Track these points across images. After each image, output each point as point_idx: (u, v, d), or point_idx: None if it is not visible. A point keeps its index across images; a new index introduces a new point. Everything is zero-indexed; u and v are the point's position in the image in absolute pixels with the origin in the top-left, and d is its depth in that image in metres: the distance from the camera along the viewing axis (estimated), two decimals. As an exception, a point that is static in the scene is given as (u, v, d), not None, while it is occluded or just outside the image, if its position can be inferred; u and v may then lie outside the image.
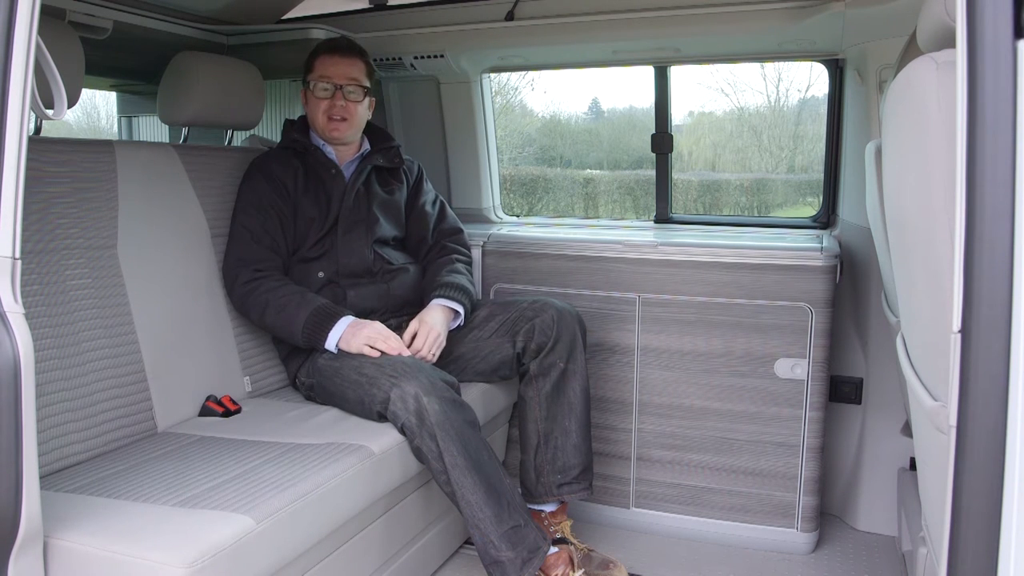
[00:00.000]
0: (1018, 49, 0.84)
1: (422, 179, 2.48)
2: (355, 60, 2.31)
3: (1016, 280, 0.84)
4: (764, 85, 5.14)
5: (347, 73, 2.28)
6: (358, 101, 2.29)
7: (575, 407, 2.19)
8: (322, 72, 2.28)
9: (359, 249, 2.27)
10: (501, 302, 2.36)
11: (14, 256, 1.18)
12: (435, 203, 2.50)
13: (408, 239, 2.45)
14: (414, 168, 2.48)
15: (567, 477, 2.18)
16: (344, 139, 2.31)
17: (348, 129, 2.29)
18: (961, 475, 0.88)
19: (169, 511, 1.45)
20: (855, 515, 2.48)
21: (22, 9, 1.15)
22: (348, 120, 2.28)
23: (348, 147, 2.35)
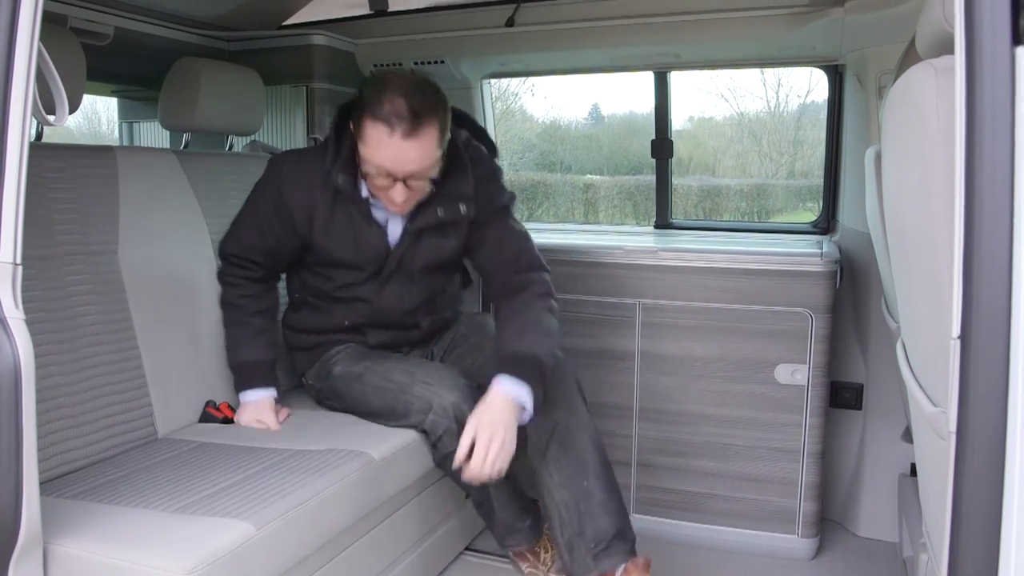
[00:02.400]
0: (1016, 55, 0.84)
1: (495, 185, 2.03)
2: (424, 140, 1.77)
3: (1015, 286, 0.84)
4: (764, 90, 5.15)
5: (414, 164, 1.79)
6: (422, 188, 1.88)
7: (588, 462, 1.88)
8: (377, 160, 1.79)
9: (399, 302, 2.05)
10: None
11: (15, 262, 1.18)
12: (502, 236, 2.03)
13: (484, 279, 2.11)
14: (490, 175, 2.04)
15: (601, 545, 1.84)
16: (404, 210, 1.93)
17: (408, 206, 1.91)
18: (961, 481, 0.88)
19: (169, 517, 1.45)
20: (856, 521, 2.47)
21: (24, 15, 1.15)
22: (411, 202, 1.90)
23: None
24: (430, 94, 1.78)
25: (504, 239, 2.02)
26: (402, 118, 1.73)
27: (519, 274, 1.98)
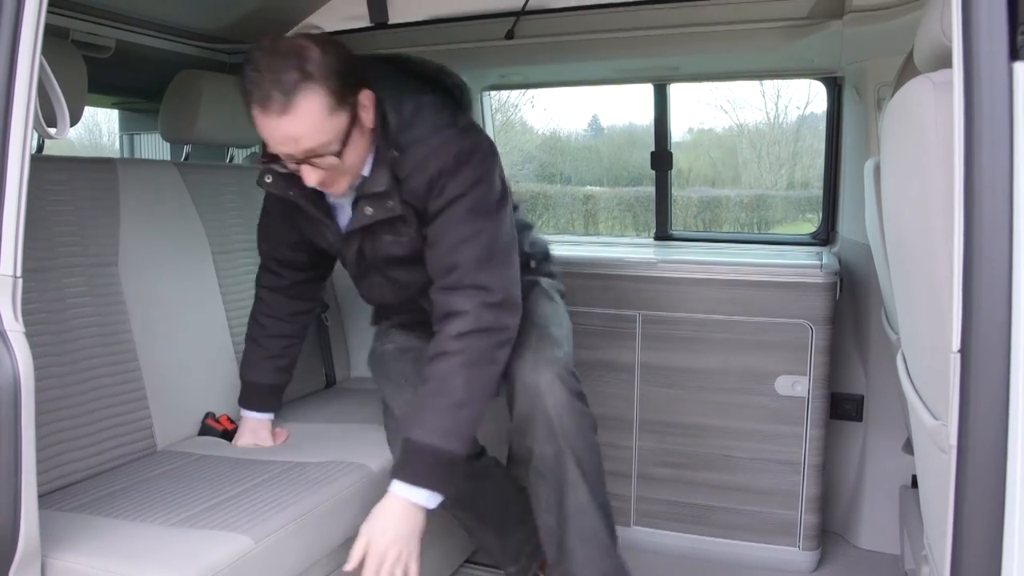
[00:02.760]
0: (1014, 70, 0.84)
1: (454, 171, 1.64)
2: (302, 114, 1.49)
3: (1015, 300, 0.84)
4: (763, 102, 5.17)
5: (302, 142, 1.52)
6: (332, 165, 1.58)
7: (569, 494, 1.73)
8: (270, 145, 1.57)
9: (385, 294, 1.90)
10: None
11: (15, 275, 1.18)
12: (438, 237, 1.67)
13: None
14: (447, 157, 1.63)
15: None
16: (339, 195, 1.72)
17: (339, 189, 1.67)
18: (962, 495, 0.88)
19: (167, 531, 1.45)
20: (857, 533, 2.46)
21: (26, 29, 1.16)
22: (333, 184, 1.64)
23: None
24: (303, 60, 1.48)
25: (439, 241, 1.66)
26: (268, 97, 1.47)
27: (445, 294, 1.65)
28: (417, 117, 1.66)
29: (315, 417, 2.16)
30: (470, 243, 1.63)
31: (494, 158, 1.71)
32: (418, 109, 1.67)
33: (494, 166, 1.70)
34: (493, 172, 1.69)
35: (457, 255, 1.64)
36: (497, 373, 1.65)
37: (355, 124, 1.58)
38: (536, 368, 1.70)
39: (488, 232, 1.65)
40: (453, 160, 1.63)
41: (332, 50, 1.53)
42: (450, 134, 1.65)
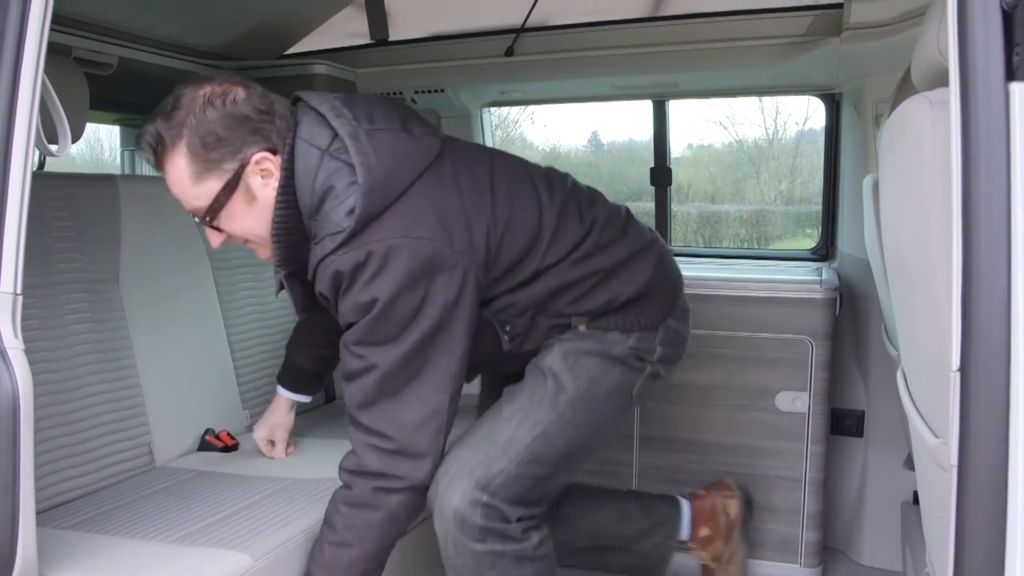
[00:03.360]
0: (1010, 91, 0.85)
1: (338, 296, 1.43)
2: (171, 170, 1.45)
3: (1013, 319, 0.84)
4: (762, 118, 5.18)
5: (181, 199, 1.50)
6: (216, 230, 1.50)
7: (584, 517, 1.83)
8: None
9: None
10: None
11: (15, 292, 1.18)
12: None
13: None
14: (326, 281, 1.42)
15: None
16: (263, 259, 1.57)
17: (261, 255, 1.55)
18: (963, 513, 0.87)
19: (166, 548, 1.44)
20: (859, 550, 2.45)
21: (29, 47, 1.16)
22: (239, 240, 1.53)
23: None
24: (180, 113, 1.40)
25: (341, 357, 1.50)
26: (145, 150, 1.45)
27: (348, 421, 1.48)
28: (322, 204, 1.42)
29: (315, 433, 2.15)
30: (358, 379, 1.43)
31: (397, 260, 1.36)
32: (326, 196, 1.42)
33: (397, 273, 1.36)
34: (393, 283, 1.36)
35: (347, 387, 1.46)
36: (385, 520, 1.45)
37: (235, 193, 1.44)
38: (448, 479, 1.46)
39: (379, 369, 1.40)
40: (331, 283, 1.41)
41: (223, 103, 1.40)
42: (333, 248, 1.38)
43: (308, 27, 2.82)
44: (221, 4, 2.47)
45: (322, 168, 1.41)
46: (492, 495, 1.45)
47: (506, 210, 1.49)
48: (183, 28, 2.51)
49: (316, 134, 1.44)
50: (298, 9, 2.70)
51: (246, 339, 2.26)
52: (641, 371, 1.64)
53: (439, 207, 1.42)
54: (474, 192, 1.48)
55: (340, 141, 1.42)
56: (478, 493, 1.44)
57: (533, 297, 1.54)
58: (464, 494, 1.44)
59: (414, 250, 1.37)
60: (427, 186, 1.43)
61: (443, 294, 1.40)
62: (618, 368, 1.59)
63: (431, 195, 1.42)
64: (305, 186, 1.42)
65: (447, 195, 1.44)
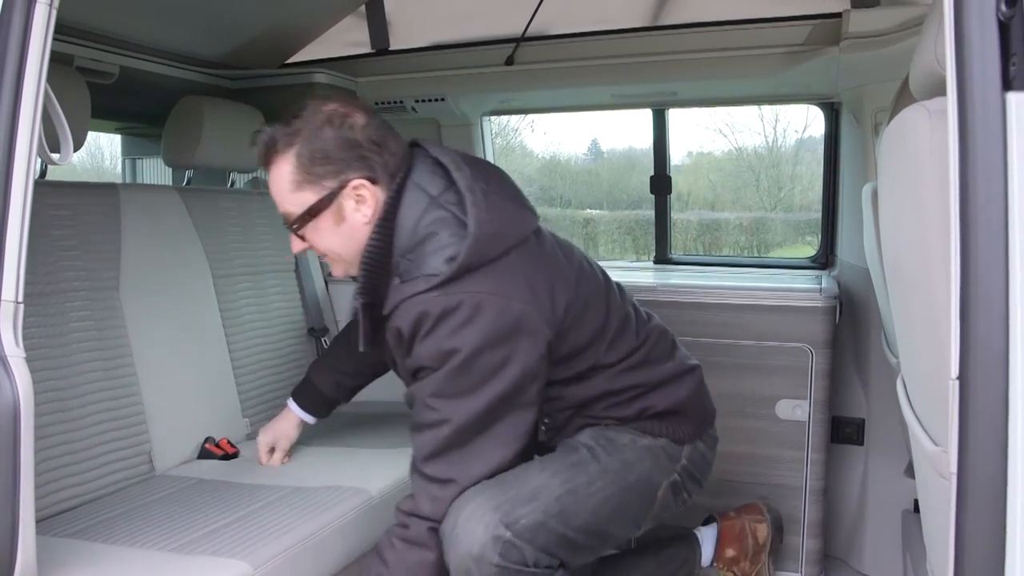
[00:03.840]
0: (1007, 100, 0.85)
1: (416, 337, 1.43)
2: (272, 172, 1.53)
3: (1012, 327, 0.85)
4: (762, 126, 5.20)
5: (274, 195, 1.56)
6: (300, 238, 1.57)
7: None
8: None
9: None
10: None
11: (17, 300, 1.19)
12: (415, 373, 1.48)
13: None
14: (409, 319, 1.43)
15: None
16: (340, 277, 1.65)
17: (336, 271, 1.61)
18: (963, 522, 0.87)
19: (166, 557, 1.44)
20: (860, 558, 2.44)
21: (32, 57, 1.17)
22: (318, 252, 1.59)
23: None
24: (298, 123, 1.49)
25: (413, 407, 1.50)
26: (258, 146, 1.53)
27: (411, 467, 1.51)
28: (421, 246, 1.45)
29: (314, 441, 2.15)
30: (429, 431, 1.43)
31: (486, 315, 1.39)
32: (427, 240, 1.45)
33: (485, 328, 1.38)
34: (478, 337, 1.38)
35: (415, 437, 1.47)
36: (437, 561, 1.44)
37: (326, 210, 1.50)
38: (471, 509, 1.41)
39: (452, 423, 1.41)
40: (414, 323, 1.41)
41: (342, 124, 1.47)
42: (426, 288, 1.40)
43: (309, 36, 2.83)
44: (222, 13, 2.48)
45: (428, 213, 1.46)
46: (515, 535, 1.40)
47: (584, 297, 1.54)
48: (184, 37, 2.52)
49: (429, 180, 1.50)
50: (299, 18, 2.71)
51: (246, 348, 2.26)
52: (668, 472, 1.63)
53: (531, 275, 1.46)
54: (561, 271, 1.53)
55: (452, 193, 1.48)
56: (501, 529, 1.39)
57: (578, 397, 1.57)
58: (487, 527, 1.39)
59: (504, 308, 1.40)
60: (523, 254, 1.48)
61: (525, 356, 1.42)
62: (648, 460, 1.60)
63: (525, 263, 1.47)
64: (407, 225, 1.47)
65: (539, 267, 1.49)
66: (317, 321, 2.55)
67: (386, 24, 2.81)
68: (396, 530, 1.48)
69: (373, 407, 2.52)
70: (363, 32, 2.84)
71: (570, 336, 1.51)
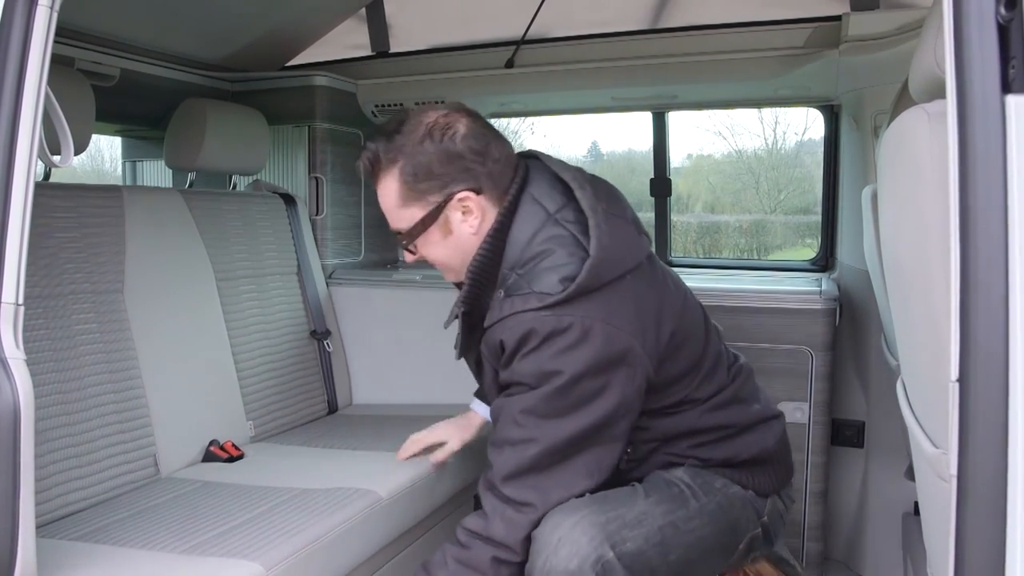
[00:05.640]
0: (1006, 103, 0.85)
1: (519, 353, 1.41)
2: (381, 186, 1.53)
3: (1011, 329, 0.85)
4: (762, 128, 5.20)
5: (384, 210, 1.56)
6: (412, 252, 1.56)
7: None
8: None
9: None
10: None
11: (17, 302, 1.19)
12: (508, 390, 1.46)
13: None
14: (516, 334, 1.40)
15: None
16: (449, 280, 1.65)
17: (447, 277, 1.63)
18: (963, 524, 0.87)
19: (177, 559, 1.44)
20: (861, 561, 2.44)
21: (33, 59, 1.17)
22: (430, 262, 1.58)
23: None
24: (402, 137, 1.48)
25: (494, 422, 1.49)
26: (361, 158, 1.54)
27: (482, 484, 1.46)
28: (536, 266, 1.42)
29: (318, 443, 2.16)
30: (512, 448, 1.40)
31: (594, 341, 1.36)
32: (543, 256, 1.42)
33: (591, 354, 1.36)
34: (583, 362, 1.36)
35: (495, 453, 1.43)
36: None
37: (433, 224, 1.50)
38: (575, 520, 1.35)
39: (539, 443, 1.38)
40: (519, 339, 1.39)
41: (443, 137, 1.46)
42: (538, 306, 1.38)
43: (309, 39, 2.83)
44: (223, 16, 2.49)
45: (544, 229, 1.44)
46: (618, 556, 1.34)
47: (686, 328, 1.52)
48: (185, 40, 2.52)
49: (547, 195, 1.48)
50: (299, 21, 2.71)
51: (249, 350, 2.27)
52: (753, 525, 1.58)
53: (640, 304, 1.44)
54: (670, 299, 1.51)
55: (570, 211, 1.45)
56: (606, 547, 1.33)
57: (664, 430, 1.54)
58: (591, 542, 1.33)
59: (612, 337, 1.38)
60: (636, 281, 1.46)
61: (622, 388, 1.39)
62: (738, 508, 1.55)
63: (638, 289, 1.45)
64: (521, 239, 1.45)
65: (650, 295, 1.47)
66: (319, 324, 2.55)
67: (386, 27, 2.82)
68: (454, 549, 1.42)
69: (381, 409, 2.52)
70: (363, 35, 2.84)
71: (667, 365, 1.48)
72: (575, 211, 1.46)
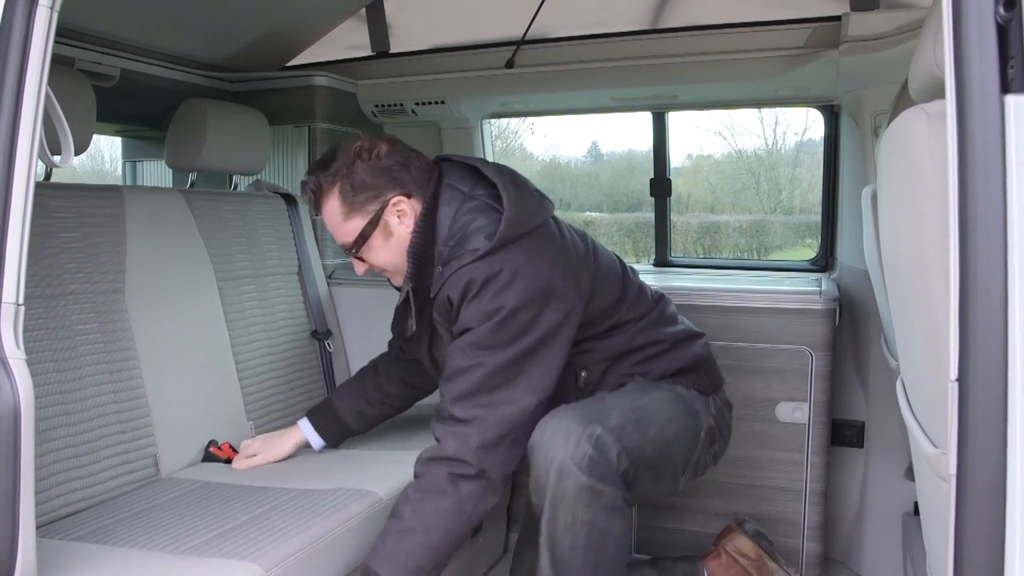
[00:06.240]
0: (1005, 103, 0.86)
1: (464, 302, 1.61)
2: (326, 212, 1.77)
3: (1010, 328, 0.85)
4: (762, 128, 5.21)
5: (331, 230, 1.80)
6: (362, 260, 1.79)
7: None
8: None
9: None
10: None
11: (17, 302, 1.19)
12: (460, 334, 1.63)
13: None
14: (458, 287, 1.61)
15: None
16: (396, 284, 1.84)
17: (395, 281, 1.83)
18: (962, 524, 0.87)
19: (177, 559, 1.44)
20: (860, 561, 2.45)
21: (33, 60, 1.17)
22: (378, 269, 1.81)
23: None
24: (335, 164, 1.73)
25: (445, 368, 1.66)
26: (306, 194, 1.79)
27: (433, 419, 1.65)
28: (463, 233, 1.66)
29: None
30: (462, 375, 1.59)
31: (522, 280, 1.58)
32: (467, 225, 1.67)
33: (521, 290, 1.57)
34: (516, 297, 1.57)
35: (447, 384, 1.61)
36: (453, 508, 1.53)
37: (375, 230, 1.73)
38: (561, 414, 1.59)
39: (484, 367, 1.57)
40: (463, 289, 1.60)
41: (370, 156, 1.72)
42: (471, 259, 1.60)
43: (310, 39, 2.84)
44: (223, 16, 2.49)
45: (464, 204, 1.70)
46: (607, 430, 1.56)
47: (602, 268, 1.79)
48: (185, 40, 2.53)
49: (460, 180, 1.75)
50: (299, 21, 2.71)
51: (250, 350, 2.27)
52: (706, 415, 1.82)
53: (554, 249, 1.69)
54: (579, 246, 1.77)
55: (481, 188, 1.72)
56: (594, 426, 1.55)
57: (608, 349, 1.78)
58: (580, 422, 1.56)
59: (537, 274, 1.61)
60: (547, 232, 1.71)
61: (552, 316, 1.61)
62: (687, 399, 1.80)
63: (550, 239, 1.70)
64: (447, 215, 1.70)
65: (562, 242, 1.73)
66: (320, 324, 2.55)
67: (386, 27, 2.82)
68: (413, 483, 1.59)
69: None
70: (364, 35, 2.85)
71: (595, 299, 1.73)
72: (486, 186, 1.72)
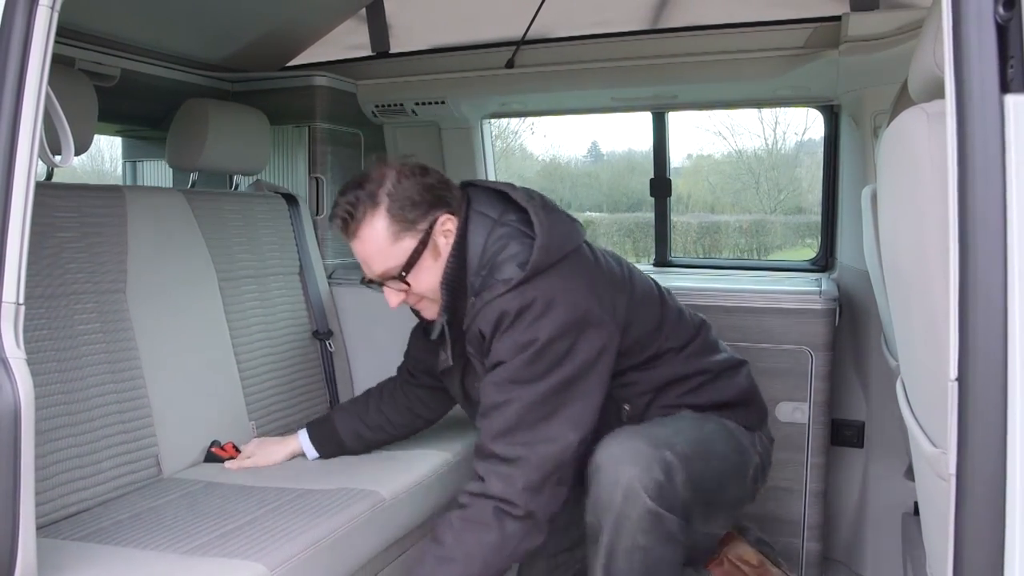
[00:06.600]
0: (1005, 103, 0.86)
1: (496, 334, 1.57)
2: (365, 238, 1.65)
3: (1010, 328, 0.85)
4: (762, 128, 5.21)
5: (370, 264, 1.68)
6: (403, 290, 1.69)
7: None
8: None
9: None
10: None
11: (18, 302, 1.19)
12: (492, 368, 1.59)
13: None
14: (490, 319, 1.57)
15: None
16: (433, 319, 1.77)
17: (429, 314, 1.76)
18: (962, 524, 0.88)
19: (179, 559, 1.44)
20: (861, 561, 2.45)
21: (33, 60, 1.17)
22: (421, 307, 1.76)
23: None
24: (374, 186, 1.63)
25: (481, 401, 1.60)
26: (338, 218, 1.66)
27: (475, 455, 1.59)
28: (494, 262, 1.61)
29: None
30: (498, 411, 1.53)
31: (557, 309, 1.53)
32: (498, 253, 1.62)
33: (556, 320, 1.53)
34: (550, 328, 1.52)
35: (483, 421, 1.56)
36: (495, 543, 1.48)
37: (425, 250, 1.65)
38: (631, 440, 1.54)
39: (520, 401, 1.52)
40: (495, 321, 1.56)
41: (411, 173, 1.65)
42: (504, 290, 1.55)
43: (310, 39, 2.84)
44: (223, 16, 2.49)
45: (494, 231, 1.65)
46: (676, 456, 1.52)
47: (638, 293, 1.73)
48: (185, 40, 2.53)
49: (488, 206, 1.69)
50: (300, 21, 2.72)
51: (251, 350, 2.27)
52: (752, 453, 1.78)
53: (590, 276, 1.64)
54: (613, 273, 1.71)
55: (510, 213, 1.67)
56: (665, 451, 1.51)
57: (651, 381, 1.72)
58: (648, 446, 1.51)
59: (572, 303, 1.55)
60: (581, 258, 1.66)
61: (588, 345, 1.55)
62: (736, 435, 1.75)
63: (584, 264, 1.65)
64: (477, 243, 1.65)
65: (597, 268, 1.67)
66: (322, 324, 2.55)
67: (386, 27, 2.82)
68: (457, 512, 1.53)
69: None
70: (364, 35, 2.85)
71: (633, 327, 1.67)
72: (515, 212, 1.67)
